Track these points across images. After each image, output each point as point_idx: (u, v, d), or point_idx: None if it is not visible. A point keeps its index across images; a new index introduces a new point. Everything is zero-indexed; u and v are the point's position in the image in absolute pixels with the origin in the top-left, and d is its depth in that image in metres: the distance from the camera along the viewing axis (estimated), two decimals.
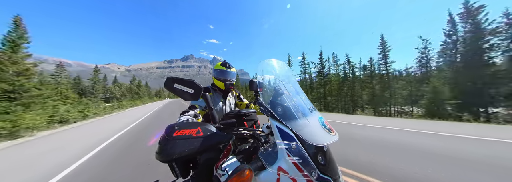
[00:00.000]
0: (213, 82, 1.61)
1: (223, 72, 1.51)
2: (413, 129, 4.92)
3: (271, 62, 0.91)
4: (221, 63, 1.55)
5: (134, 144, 4.36)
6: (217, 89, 1.56)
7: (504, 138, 3.76)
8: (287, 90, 0.80)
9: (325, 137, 0.62)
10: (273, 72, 0.88)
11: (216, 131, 0.73)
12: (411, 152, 3.05)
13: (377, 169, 2.35)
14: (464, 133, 4.32)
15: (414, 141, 3.78)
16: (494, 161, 2.54)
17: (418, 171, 2.26)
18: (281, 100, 0.77)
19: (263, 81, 0.85)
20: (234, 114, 1.13)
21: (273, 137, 0.69)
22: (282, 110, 0.70)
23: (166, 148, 0.65)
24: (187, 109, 1.19)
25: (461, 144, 3.51)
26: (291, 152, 0.58)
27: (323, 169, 0.60)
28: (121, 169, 2.78)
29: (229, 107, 1.60)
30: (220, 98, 1.55)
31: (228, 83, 1.49)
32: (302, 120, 0.66)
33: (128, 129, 6.49)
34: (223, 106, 1.54)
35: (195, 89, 0.82)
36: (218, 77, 1.52)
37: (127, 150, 3.89)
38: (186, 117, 1.04)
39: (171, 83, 0.83)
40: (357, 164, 2.51)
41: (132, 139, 4.89)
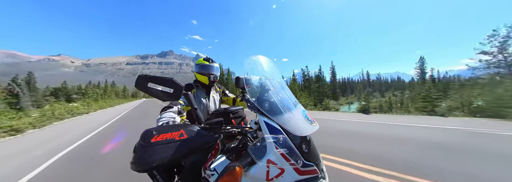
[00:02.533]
0: (195, 79, 1.57)
1: (206, 67, 1.48)
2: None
3: (258, 59, 0.94)
4: (203, 58, 1.54)
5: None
6: (200, 86, 1.52)
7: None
8: (273, 86, 0.85)
9: (308, 127, 0.69)
10: (259, 68, 0.92)
11: (202, 131, 0.71)
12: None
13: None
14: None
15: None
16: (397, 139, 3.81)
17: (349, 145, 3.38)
18: (268, 95, 0.81)
19: (250, 78, 0.87)
20: (220, 112, 1.11)
21: (261, 132, 0.72)
22: (269, 105, 0.74)
23: (144, 156, 0.60)
24: (169, 104, 1.10)
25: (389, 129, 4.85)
26: (279, 145, 0.62)
27: (307, 156, 0.66)
28: None
29: (213, 103, 1.56)
30: (203, 94, 1.52)
31: (212, 77, 1.45)
32: (288, 114, 0.71)
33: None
34: (207, 102, 1.51)
35: (175, 88, 0.77)
36: (200, 71, 1.49)
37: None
38: (168, 115, 0.96)
39: (144, 82, 0.75)
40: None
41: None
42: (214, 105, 1.56)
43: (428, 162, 2.53)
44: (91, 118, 10.74)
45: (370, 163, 2.50)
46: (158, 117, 0.95)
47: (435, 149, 3.07)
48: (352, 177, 2.16)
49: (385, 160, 2.60)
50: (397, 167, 2.35)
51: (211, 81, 1.47)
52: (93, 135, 5.53)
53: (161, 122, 0.88)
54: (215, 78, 1.48)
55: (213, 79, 1.46)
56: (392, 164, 2.46)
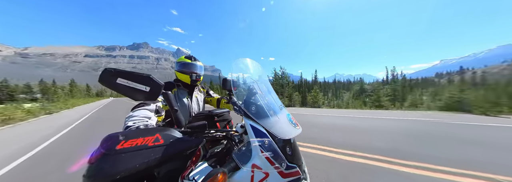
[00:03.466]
0: (176, 78, 1.47)
1: (188, 65, 1.39)
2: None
3: (246, 62, 0.94)
4: (185, 56, 1.45)
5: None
6: (181, 85, 1.42)
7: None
8: (260, 89, 0.86)
9: (292, 130, 0.72)
10: (247, 71, 0.91)
11: (182, 136, 0.64)
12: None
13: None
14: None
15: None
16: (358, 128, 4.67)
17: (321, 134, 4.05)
18: (255, 99, 0.81)
19: (237, 80, 0.86)
20: (204, 115, 1.04)
21: (247, 135, 0.71)
22: (256, 109, 0.75)
23: (103, 167, 0.48)
24: (145, 101, 0.90)
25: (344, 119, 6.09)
26: (264, 148, 0.63)
27: (291, 158, 0.68)
28: None
29: (197, 104, 1.48)
30: (185, 95, 1.42)
31: (195, 75, 1.37)
32: (273, 117, 0.73)
33: None
34: (190, 103, 1.42)
35: (153, 86, 0.67)
36: (181, 70, 1.39)
37: None
38: (142, 113, 0.79)
39: (111, 77, 0.63)
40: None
41: None
42: (198, 106, 1.48)
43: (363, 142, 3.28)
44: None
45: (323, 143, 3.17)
46: (128, 115, 0.78)
47: (363, 133, 4.05)
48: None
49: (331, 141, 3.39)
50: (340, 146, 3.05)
51: (193, 80, 1.38)
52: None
53: (132, 123, 0.72)
54: (197, 78, 1.40)
55: (195, 78, 1.38)
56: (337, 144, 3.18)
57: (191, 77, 1.37)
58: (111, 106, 18.00)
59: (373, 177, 1.86)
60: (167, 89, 1.28)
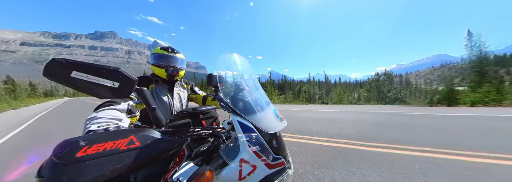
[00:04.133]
0: (152, 72, 1.32)
1: (164, 57, 1.23)
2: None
3: (233, 57, 0.92)
4: (161, 48, 1.28)
5: None
6: (159, 81, 1.28)
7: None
8: (248, 86, 0.86)
9: (278, 124, 0.75)
10: (234, 67, 0.90)
11: (163, 136, 0.59)
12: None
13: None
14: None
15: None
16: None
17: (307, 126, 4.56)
18: (242, 95, 0.82)
19: (224, 76, 0.85)
20: (188, 113, 0.98)
21: (234, 132, 0.72)
22: (243, 105, 0.76)
23: (60, 179, 0.39)
24: (113, 99, 0.78)
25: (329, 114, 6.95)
26: (252, 143, 0.65)
27: (276, 150, 0.70)
28: None
29: (179, 102, 1.36)
30: (164, 91, 1.28)
31: (171, 69, 1.20)
32: (261, 113, 0.75)
33: None
34: (171, 101, 1.29)
35: (123, 81, 0.55)
36: (157, 63, 1.23)
37: None
38: (109, 114, 0.68)
39: (62, 70, 0.49)
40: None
41: None
42: (180, 104, 1.37)
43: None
44: None
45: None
46: (90, 117, 0.66)
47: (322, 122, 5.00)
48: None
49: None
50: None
51: (170, 75, 1.23)
52: None
53: (95, 126, 0.60)
54: (175, 72, 1.23)
55: (172, 72, 1.22)
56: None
57: (167, 71, 1.20)
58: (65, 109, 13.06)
59: (345, 156, 2.41)
60: (143, 85, 1.12)
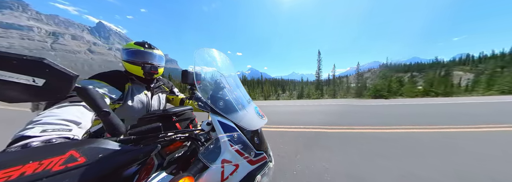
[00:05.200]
0: (125, 69, 1.13)
1: (140, 53, 1.07)
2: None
3: (212, 53, 0.86)
4: (135, 42, 1.11)
5: None
6: (136, 79, 1.11)
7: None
8: (228, 84, 0.83)
9: (260, 121, 0.76)
10: (214, 64, 0.85)
11: (122, 146, 0.49)
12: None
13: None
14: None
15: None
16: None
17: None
18: (223, 93, 0.79)
19: (202, 73, 0.79)
20: (157, 116, 0.84)
21: (214, 132, 0.69)
22: (224, 104, 0.73)
23: None
24: (70, 99, 0.63)
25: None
26: (234, 142, 0.64)
27: (258, 146, 0.71)
28: None
29: (157, 102, 1.21)
30: (141, 91, 1.12)
31: (149, 67, 1.07)
32: (242, 111, 0.75)
33: None
34: (149, 101, 1.13)
35: (51, 77, 0.40)
36: (130, 59, 1.07)
37: None
38: (71, 112, 0.56)
39: None
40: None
41: None
42: (159, 105, 1.22)
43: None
44: None
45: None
46: (40, 114, 0.54)
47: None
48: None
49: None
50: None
51: (148, 73, 1.09)
52: None
53: (37, 130, 0.48)
54: (153, 69, 1.09)
55: (150, 70, 1.07)
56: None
57: (143, 69, 1.06)
58: None
59: (321, 137, 3.06)
60: (116, 83, 0.97)
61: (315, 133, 3.33)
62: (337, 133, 3.24)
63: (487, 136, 2.69)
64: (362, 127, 3.58)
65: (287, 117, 5.20)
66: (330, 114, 5.47)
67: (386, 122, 3.96)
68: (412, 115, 4.67)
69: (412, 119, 4.12)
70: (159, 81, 1.27)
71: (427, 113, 4.90)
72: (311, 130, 3.54)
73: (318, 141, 2.83)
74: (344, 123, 4.06)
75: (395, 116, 4.68)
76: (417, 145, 2.37)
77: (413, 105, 6.97)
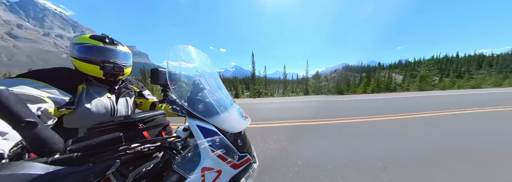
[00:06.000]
0: (75, 68, 0.88)
1: (98, 50, 0.85)
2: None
3: (188, 50, 0.77)
4: (92, 36, 0.86)
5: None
6: (94, 80, 0.88)
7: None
8: (209, 85, 0.76)
9: (243, 123, 0.73)
10: (190, 62, 0.76)
11: (56, 169, 0.37)
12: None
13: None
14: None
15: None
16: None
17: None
18: (202, 95, 0.73)
19: (176, 73, 0.70)
20: (114, 124, 0.66)
21: (193, 138, 0.63)
22: (204, 106, 0.68)
23: None
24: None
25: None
26: (215, 146, 0.60)
27: (241, 148, 0.68)
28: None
29: (125, 107, 0.99)
30: (103, 93, 0.90)
31: (110, 67, 0.87)
32: (224, 113, 0.70)
33: None
34: (114, 106, 0.92)
35: None
36: (84, 57, 0.83)
37: None
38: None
39: None
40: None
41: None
42: (127, 110, 1.01)
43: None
44: None
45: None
46: None
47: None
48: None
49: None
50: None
51: (109, 74, 0.88)
52: None
53: None
54: (117, 70, 0.89)
55: (112, 71, 0.87)
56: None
57: (103, 69, 0.85)
58: None
59: (303, 130, 3.35)
60: (63, 83, 0.76)
61: (300, 126, 3.70)
62: (316, 125, 3.65)
63: (406, 121, 3.66)
64: (333, 118, 4.15)
65: (275, 112, 5.59)
66: (308, 109, 6.05)
67: (347, 114, 4.66)
68: (358, 108, 5.64)
69: (358, 111, 4.97)
70: (125, 82, 1.06)
71: (364, 106, 5.96)
72: (296, 124, 3.93)
73: (304, 131, 3.24)
74: (319, 116, 4.54)
75: (343, 109, 5.57)
76: (354, 131, 3.13)
77: (361, 100, 8.45)
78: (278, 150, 2.31)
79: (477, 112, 4.32)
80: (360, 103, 6.82)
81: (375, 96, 10.13)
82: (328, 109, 5.56)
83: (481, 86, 16.27)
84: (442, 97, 8.09)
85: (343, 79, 19.83)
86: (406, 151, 2.13)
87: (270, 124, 3.77)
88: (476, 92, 10.13)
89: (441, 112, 4.36)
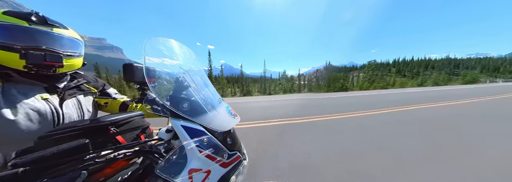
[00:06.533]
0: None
1: (20, 31, 0.63)
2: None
3: (170, 44, 0.71)
4: (8, 12, 0.64)
5: None
6: (16, 75, 0.67)
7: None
8: (194, 82, 0.72)
9: (232, 121, 0.71)
10: (172, 57, 0.70)
11: None
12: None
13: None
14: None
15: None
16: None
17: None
18: (187, 94, 0.69)
19: (156, 70, 0.64)
20: (79, 129, 0.54)
21: (177, 140, 0.60)
22: (189, 105, 0.64)
23: None
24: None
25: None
26: (203, 147, 0.57)
27: (231, 147, 0.67)
28: None
29: (78, 112, 0.79)
30: (33, 94, 0.68)
31: (38, 56, 0.65)
32: (212, 112, 0.67)
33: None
34: (56, 110, 0.71)
35: None
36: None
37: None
38: None
39: None
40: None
41: None
42: (82, 116, 0.80)
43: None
44: None
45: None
46: None
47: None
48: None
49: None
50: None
51: (34, 64, 0.66)
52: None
53: None
54: (51, 60, 0.68)
55: (43, 60, 0.66)
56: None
57: (27, 59, 0.64)
58: None
59: (291, 127, 3.52)
60: None
61: (287, 124, 3.88)
62: (303, 122, 3.88)
63: (364, 118, 4.15)
64: (315, 116, 4.45)
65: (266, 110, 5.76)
66: (294, 106, 6.42)
67: (329, 111, 5.14)
68: (330, 105, 6.29)
69: (328, 109, 5.43)
70: (76, 79, 0.86)
71: (333, 104, 6.55)
72: (284, 122, 4.07)
73: (291, 129, 3.40)
74: (304, 114, 4.80)
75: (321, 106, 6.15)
76: (314, 128, 3.47)
77: (333, 97, 9.32)
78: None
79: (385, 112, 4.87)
80: (333, 101, 7.55)
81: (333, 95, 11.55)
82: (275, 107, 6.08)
83: (424, 85, 20.24)
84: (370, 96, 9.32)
85: (321, 79, 21.34)
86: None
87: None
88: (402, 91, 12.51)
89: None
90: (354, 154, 2.16)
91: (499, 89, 11.59)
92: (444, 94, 9.18)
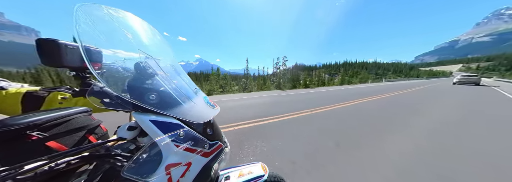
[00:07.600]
0: None
1: None
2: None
3: (123, 17, 0.55)
4: None
5: None
6: None
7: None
8: (162, 69, 0.60)
9: (211, 112, 0.67)
10: (129, 38, 0.55)
11: None
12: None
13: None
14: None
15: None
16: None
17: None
18: (154, 83, 0.57)
19: (100, 50, 0.51)
20: None
21: (145, 137, 0.53)
22: (158, 97, 0.54)
23: None
24: None
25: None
26: (180, 140, 0.52)
27: (212, 137, 0.64)
28: None
29: None
30: None
31: None
32: (188, 103, 0.60)
33: None
34: None
35: None
36: None
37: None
38: None
39: None
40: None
41: None
42: None
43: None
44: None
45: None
46: None
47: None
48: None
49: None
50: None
51: None
52: None
53: None
54: None
55: None
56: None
57: None
58: None
59: (264, 128, 3.29)
60: None
61: (257, 126, 3.68)
62: (273, 122, 3.80)
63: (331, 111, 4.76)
64: (288, 113, 4.47)
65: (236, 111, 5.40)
66: (265, 104, 6.38)
67: (305, 106, 5.28)
68: (298, 101, 6.68)
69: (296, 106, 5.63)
70: None
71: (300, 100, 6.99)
72: (254, 124, 3.79)
73: (264, 130, 3.25)
74: (274, 112, 4.74)
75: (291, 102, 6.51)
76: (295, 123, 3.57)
77: (302, 93, 10.15)
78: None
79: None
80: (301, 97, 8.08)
81: (310, 90, 12.75)
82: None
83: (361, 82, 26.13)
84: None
85: (291, 77, 23.61)
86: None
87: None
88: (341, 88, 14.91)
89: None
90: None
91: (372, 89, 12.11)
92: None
